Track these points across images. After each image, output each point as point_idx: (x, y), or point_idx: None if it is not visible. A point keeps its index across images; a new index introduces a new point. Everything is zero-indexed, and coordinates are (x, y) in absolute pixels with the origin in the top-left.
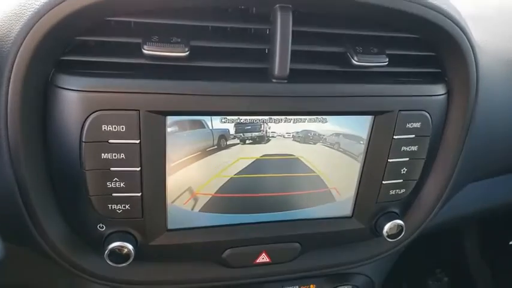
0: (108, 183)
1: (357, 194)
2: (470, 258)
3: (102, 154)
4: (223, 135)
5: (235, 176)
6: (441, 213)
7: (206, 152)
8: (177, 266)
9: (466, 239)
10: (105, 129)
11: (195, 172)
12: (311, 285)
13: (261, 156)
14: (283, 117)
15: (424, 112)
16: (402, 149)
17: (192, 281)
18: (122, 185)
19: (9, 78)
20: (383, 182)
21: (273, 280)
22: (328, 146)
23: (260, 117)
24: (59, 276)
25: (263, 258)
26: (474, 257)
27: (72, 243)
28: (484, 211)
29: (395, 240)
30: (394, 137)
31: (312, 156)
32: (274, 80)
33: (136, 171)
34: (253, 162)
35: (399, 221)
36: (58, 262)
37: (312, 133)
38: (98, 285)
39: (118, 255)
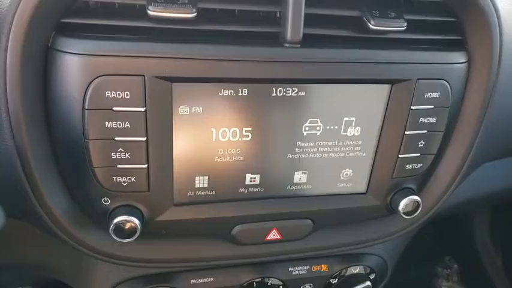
0: (112, 154)
1: (372, 168)
2: (480, 245)
3: (106, 123)
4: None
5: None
6: (457, 193)
7: None
8: (185, 243)
9: (476, 225)
10: (108, 95)
11: (204, 143)
12: (322, 265)
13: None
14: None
15: (443, 81)
16: (420, 120)
17: (200, 260)
18: (127, 156)
19: (7, 42)
20: (399, 155)
21: (284, 259)
22: None
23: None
24: (64, 254)
25: (274, 235)
26: (484, 244)
27: (77, 218)
28: (500, 192)
29: (411, 217)
30: (412, 107)
31: None
32: (286, 45)
33: (141, 141)
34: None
35: (416, 197)
36: (62, 238)
37: None
38: (103, 262)
39: (124, 231)
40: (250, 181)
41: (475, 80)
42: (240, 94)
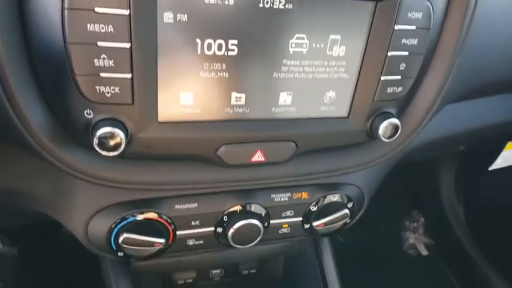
0: (95, 60)
1: (355, 91)
2: (445, 198)
3: (88, 25)
4: None
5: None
6: (430, 129)
7: None
8: (170, 166)
9: (442, 179)
10: None
11: (188, 56)
12: (303, 193)
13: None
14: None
15: (426, 2)
16: (402, 41)
17: (186, 183)
18: (110, 63)
19: None
20: (381, 78)
21: (267, 187)
22: None
23: None
24: (43, 180)
25: (258, 156)
26: (448, 197)
27: (57, 133)
28: (464, 133)
29: (390, 140)
30: (395, 27)
31: None
32: None
33: (125, 48)
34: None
35: (395, 120)
36: (41, 155)
37: None
38: (84, 188)
39: (108, 144)
40: (236, 101)
41: (455, 5)
42: (226, 3)
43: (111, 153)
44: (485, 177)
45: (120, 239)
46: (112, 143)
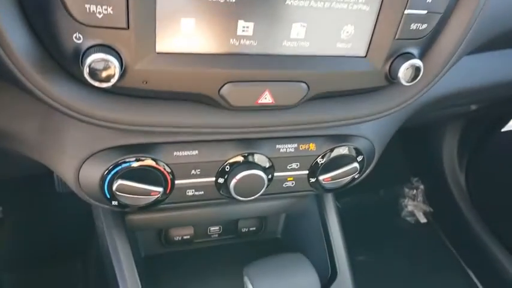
0: None
1: (375, 27)
2: (447, 165)
3: None
4: None
5: None
6: (440, 85)
7: None
8: (169, 106)
9: (444, 146)
10: None
11: None
12: (310, 144)
13: None
14: None
15: None
16: None
17: (185, 125)
18: None
19: None
20: (405, 11)
21: (272, 137)
22: None
23: None
24: (32, 116)
25: (266, 98)
26: (450, 164)
27: (45, 63)
28: (480, 88)
29: (410, 84)
30: None
31: None
32: None
33: None
34: None
35: (417, 61)
36: (27, 87)
37: None
38: (77, 124)
39: (100, 74)
40: (243, 31)
41: None
42: None
43: (104, 84)
44: (488, 145)
45: (114, 186)
46: (105, 73)
